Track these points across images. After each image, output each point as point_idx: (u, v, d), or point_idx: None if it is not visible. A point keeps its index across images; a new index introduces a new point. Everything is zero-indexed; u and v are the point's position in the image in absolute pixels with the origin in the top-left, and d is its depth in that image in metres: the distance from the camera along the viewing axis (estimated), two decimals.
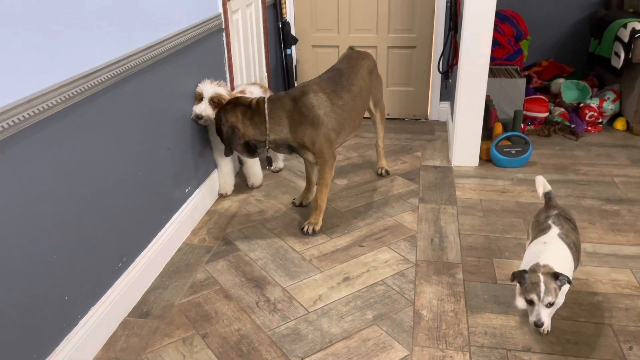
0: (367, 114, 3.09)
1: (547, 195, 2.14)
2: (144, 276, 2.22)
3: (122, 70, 1.94)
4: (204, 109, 2.59)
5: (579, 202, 2.85)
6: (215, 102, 2.60)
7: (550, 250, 1.83)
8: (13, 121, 1.42)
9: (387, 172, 3.26)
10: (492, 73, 3.71)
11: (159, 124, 2.31)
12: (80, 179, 1.78)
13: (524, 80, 3.59)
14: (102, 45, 1.84)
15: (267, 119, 2.45)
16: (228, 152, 2.58)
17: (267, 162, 2.78)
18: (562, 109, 3.89)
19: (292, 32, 4.16)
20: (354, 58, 2.83)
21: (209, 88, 2.61)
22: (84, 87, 1.72)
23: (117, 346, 1.92)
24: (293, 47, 4.16)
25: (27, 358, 1.57)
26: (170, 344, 1.93)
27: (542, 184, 2.19)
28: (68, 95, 1.65)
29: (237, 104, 2.50)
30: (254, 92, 2.97)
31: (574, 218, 2.02)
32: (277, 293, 2.20)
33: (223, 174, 2.97)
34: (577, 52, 4.36)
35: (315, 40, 4.20)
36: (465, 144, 3.30)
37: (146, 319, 2.06)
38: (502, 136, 3.26)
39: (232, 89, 3.15)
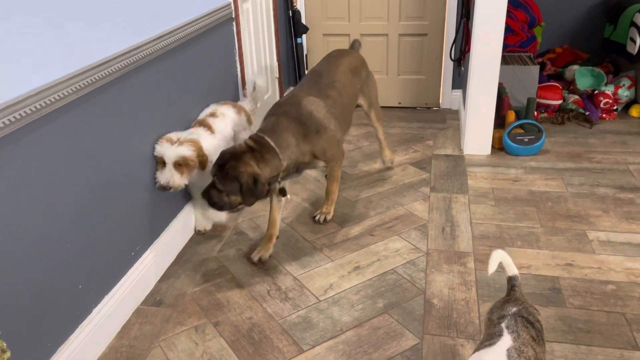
0: (366, 117, 3.07)
1: (511, 282, 1.60)
2: (157, 265, 2.24)
3: (132, 61, 1.94)
4: (170, 177, 2.15)
5: (593, 190, 2.82)
6: (181, 165, 2.16)
7: None
8: (25, 112, 1.44)
9: (392, 162, 3.19)
10: (505, 60, 3.66)
11: (170, 114, 2.32)
12: (92, 169, 1.79)
13: (538, 67, 3.54)
14: (113, 36, 1.85)
15: (276, 150, 2.18)
16: (252, 203, 2.14)
17: (282, 194, 2.44)
18: (576, 96, 3.84)
19: (303, 20, 4.14)
20: (333, 57, 2.72)
21: (169, 151, 2.15)
22: (94, 78, 1.73)
23: (131, 334, 1.95)
24: (304, 36, 4.14)
25: (42, 346, 1.60)
26: (183, 332, 1.95)
27: (499, 260, 1.61)
28: (79, 86, 1.66)
29: (237, 154, 2.11)
30: (226, 114, 2.57)
31: (540, 320, 1.49)
32: (288, 282, 2.21)
33: (199, 207, 2.58)
34: (591, 38, 4.29)
35: (325, 29, 4.17)
36: (477, 132, 3.27)
37: (159, 307, 2.09)
38: (515, 124, 3.23)
39: (243, 81, 3.14)
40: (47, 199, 1.58)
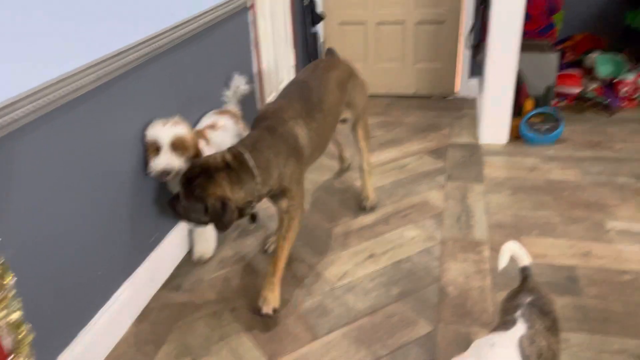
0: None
1: (524, 272, 1.58)
2: (175, 252, 2.27)
3: (147, 52, 1.97)
4: (168, 160, 1.93)
5: (612, 180, 2.78)
6: (178, 147, 1.95)
7: None
8: (44, 101, 1.47)
9: (372, 209, 2.62)
10: (524, 48, 3.61)
11: (187, 103, 2.34)
12: (110, 157, 1.83)
13: (557, 54, 3.49)
14: (129, 26, 1.87)
15: (255, 172, 1.86)
16: (223, 229, 1.85)
17: (250, 220, 2.07)
18: (596, 84, 3.78)
19: (319, 9, 4.13)
20: (321, 68, 2.33)
21: (164, 132, 1.94)
22: (111, 69, 1.75)
23: (150, 319, 1.99)
24: (319, 24, 4.13)
25: (65, 329, 1.65)
26: (201, 317, 1.99)
27: (510, 254, 1.59)
28: (96, 76, 1.68)
29: (210, 169, 1.82)
30: (227, 125, 2.37)
31: (555, 310, 1.47)
32: (303, 269, 2.23)
33: (200, 234, 2.31)
34: (612, 25, 4.20)
35: (342, 17, 4.16)
36: (494, 121, 3.25)
37: (177, 292, 2.12)
38: (533, 113, 3.19)
39: (260, 71, 3.15)
40: (67, 186, 1.62)
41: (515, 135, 3.33)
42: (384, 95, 4.30)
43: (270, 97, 3.45)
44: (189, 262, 2.31)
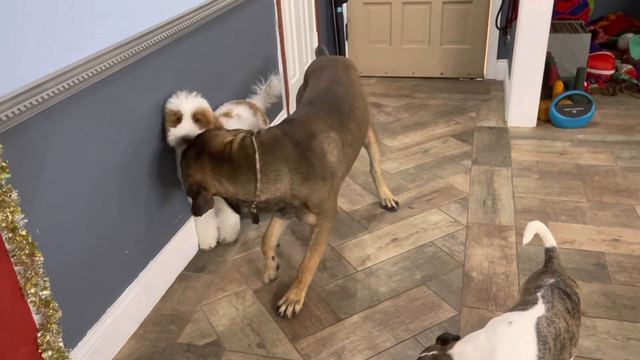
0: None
1: (549, 254, 1.54)
2: (199, 233, 2.29)
3: (174, 32, 1.96)
4: (190, 129, 1.87)
5: None
6: (200, 120, 1.90)
7: (506, 345, 1.28)
8: (73, 82, 1.48)
9: (397, 203, 2.49)
10: (554, 28, 3.51)
11: (211, 83, 2.34)
12: (137, 138, 1.84)
13: (589, 35, 3.38)
14: (155, 7, 1.86)
15: (258, 176, 1.68)
16: (193, 214, 1.77)
17: (253, 220, 1.87)
18: (630, 66, 3.66)
19: None
20: (341, 68, 2.13)
21: (187, 103, 1.90)
22: (138, 49, 1.76)
23: (175, 298, 2.02)
24: (344, 5, 4.08)
25: (92, 307, 1.68)
26: (224, 297, 2.01)
27: (535, 231, 1.56)
28: (124, 56, 1.69)
29: (205, 146, 1.70)
30: (242, 115, 2.27)
31: (577, 292, 1.44)
32: (327, 252, 2.23)
33: (202, 224, 2.26)
34: None
35: None
36: (522, 103, 3.18)
37: (201, 273, 2.15)
38: (563, 95, 3.11)
39: (283, 51, 3.13)
40: (94, 166, 1.64)
41: (545, 119, 3.25)
42: (409, 77, 4.24)
43: (294, 79, 3.44)
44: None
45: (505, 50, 3.94)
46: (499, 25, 3.77)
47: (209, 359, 1.74)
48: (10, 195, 1.25)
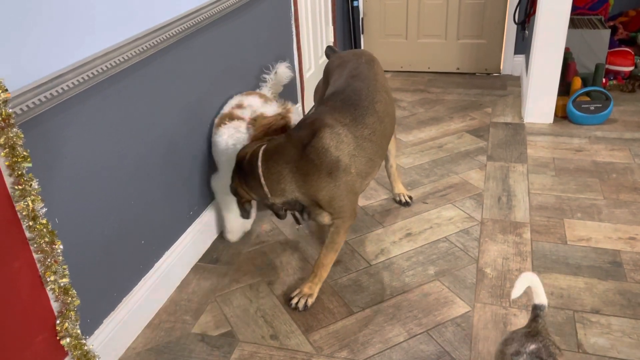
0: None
1: (535, 311, 1.37)
2: (213, 225, 2.32)
3: (192, 24, 1.98)
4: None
5: None
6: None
7: None
8: (92, 73, 1.50)
9: (410, 198, 2.47)
10: (573, 23, 3.47)
11: (227, 75, 2.35)
12: (153, 130, 1.86)
13: (608, 31, 3.34)
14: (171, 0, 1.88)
15: (262, 181, 1.81)
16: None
17: (295, 220, 2.05)
18: None
19: None
20: (364, 62, 2.12)
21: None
22: (156, 41, 1.77)
23: (189, 289, 2.04)
24: None
25: (109, 295, 1.71)
26: (238, 288, 2.03)
27: (527, 284, 1.38)
28: (142, 48, 1.70)
29: (236, 160, 1.94)
30: (254, 105, 2.24)
31: None
32: None
33: (230, 216, 2.26)
34: None
35: None
36: (539, 99, 3.15)
37: (215, 264, 2.17)
38: (581, 91, 3.08)
39: (299, 44, 3.13)
40: (112, 157, 1.66)
41: (562, 115, 3.22)
42: (425, 71, 4.22)
43: (309, 73, 3.44)
44: None
45: (523, 45, 3.91)
46: (517, 20, 3.73)
47: (223, 349, 1.76)
48: (30, 184, 1.27)
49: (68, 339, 1.45)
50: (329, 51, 2.48)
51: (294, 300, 1.91)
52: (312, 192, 1.77)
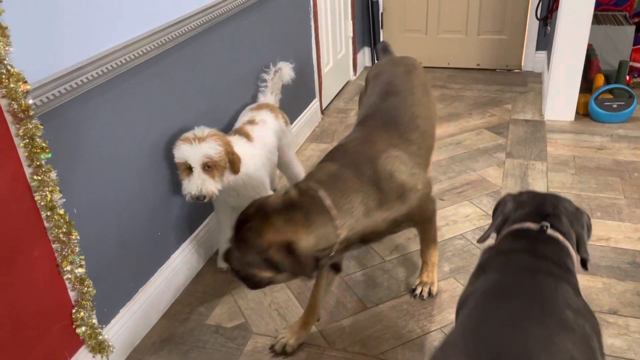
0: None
1: None
2: None
3: (210, 18, 1.99)
4: (201, 184, 1.72)
5: None
6: (210, 166, 1.74)
7: None
8: (112, 65, 1.52)
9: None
10: (597, 19, 3.40)
11: (244, 71, 2.36)
12: (171, 123, 1.87)
13: (633, 27, 3.26)
14: None
15: (333, 212, 1.47)
16: (307, 279, 1.67)
17: (335, 270, 1.80)
18: None
19: None
20: (401, 73, 2.01)
21: (192, 153, 1.71)
22: (173, 35, 1.79)
23: (205, 281, 2.06)
24: None
25: (125, 286, 1.73)
26: None
27: None
28: (159, 42, 1.72)
29: (265, 208, 1.45)
30: (267, 120, 2.13)
31: None
32: None
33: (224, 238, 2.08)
34: None
35: None
36: (561, 96, 3.09)
37: None
38: (604, 89, 3.02)
39: (317, 40, 3.12)
40: (131, 149, 1.68)
41: (584, 112, 3.17)
42: (445, 67, 4.18)
43: (327, 68, 3.43)
44: None
45: (545, 41, 3.84)
46: (539, 16, 3.67)
47: (237, 341, 1.77)
48: (49, 175, 1.30)
49: (84, 328, 1.48)
50: (382, 49, 2.37)
51: (418, 290, 1.91)
52: (388, 215, 1.60)
